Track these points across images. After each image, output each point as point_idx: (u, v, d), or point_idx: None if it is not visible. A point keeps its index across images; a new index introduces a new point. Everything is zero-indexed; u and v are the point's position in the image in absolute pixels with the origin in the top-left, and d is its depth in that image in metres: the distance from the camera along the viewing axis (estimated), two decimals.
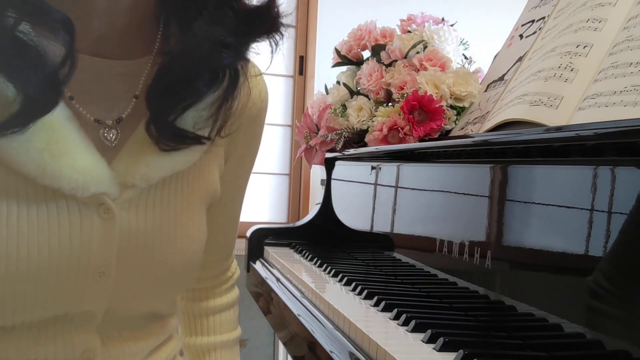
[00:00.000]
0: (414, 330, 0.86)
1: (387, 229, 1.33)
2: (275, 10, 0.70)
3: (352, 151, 1.53)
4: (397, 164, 1.30)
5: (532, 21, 1.25)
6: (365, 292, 1.05)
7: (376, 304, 0.98)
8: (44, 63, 0.57)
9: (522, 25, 1.29)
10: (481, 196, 0.94)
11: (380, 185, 1.40)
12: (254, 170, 0.91)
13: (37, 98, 0.58)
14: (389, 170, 1.36)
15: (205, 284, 0.93)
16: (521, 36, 1.27)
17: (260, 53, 0.71)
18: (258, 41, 0.70)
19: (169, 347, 0.81)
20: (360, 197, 1.52)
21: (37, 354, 0.66)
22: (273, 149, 2.67)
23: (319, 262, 1.37)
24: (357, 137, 1.54)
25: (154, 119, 0.66)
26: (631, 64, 0.86)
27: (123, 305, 0.70)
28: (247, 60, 0.72)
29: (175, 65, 0.66)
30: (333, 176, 1.71)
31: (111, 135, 0.68)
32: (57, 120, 0.62)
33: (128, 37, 0.68)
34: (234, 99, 0.71)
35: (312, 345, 0.98)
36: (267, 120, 2.39)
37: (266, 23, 0.70)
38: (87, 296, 0.66)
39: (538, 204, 0.80)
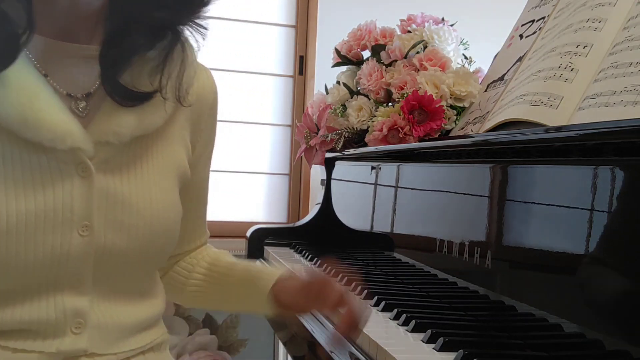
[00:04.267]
0: (414, 330, 0.86)
1: (387, 229, 1.32)
2: None
3: (352, 151, 1.53)
4: (397, 164, 1.30)
5: (532, 21, 1.25)
6: (365, 292, 1.05)
7: (376, 304, 0.98)
8: (6, 20, 0.66)
9: (522, 25, 1.29)
10: (481, 196, 0.94)
11: (380, 185, 1.40)
12: (253, 169, 0.95)
13: None
14: (389, 170, 1.36)
15: (184, 260, 0.96)
16: (521, 36, 1.27)
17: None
18: (195, 12, 0.79)
19: (156, 332, 0.84)
20: (360, 197, 1.52)
21: (30, 317, 0.70)
22: (273, 149, 2.67)
23: (319, 262, 1.37)
24: (357, 137, 1.54)
25: (105, 74, 0.74)
26: (631, 64, 0.86)
27: (107, 269, 0.74)
28: (187, 29, 0.80)
29: (118, 26, 0.75)
30: (333, 176, 1.71)
31: (81, 107, 0.75)
32: (36, 84, 0.70)
33: (90, 25, 0.76)
34: (179, 63, 0.79)
35: (312, 345, 0.98)
36: (267, 120, 2.42)
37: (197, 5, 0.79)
38: (74, 252, 0.71)
39: (538, 204, 0.80)
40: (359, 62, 1.66)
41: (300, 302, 0.85)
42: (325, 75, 2.06)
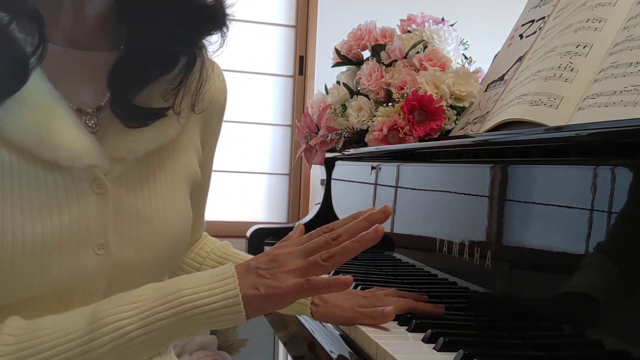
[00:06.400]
0: (414, 330, 0.86)
1: (387, 229, 1.33)
2: (222, 9, 0.78)
3: (352, 151, 1.53)
4: (397, 164, 1.30)
5: (532, 21, 1.25)
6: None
7: None
8: (14, 45, 0.63)
9: (522, 25, 1.29)
10: (481, 196, 0.94)
11: (380, 185, 1.40)
12: (253, 169, 0.96)
13: (7, 76, 0.64)
14: (389, 170, 1.36)
15: (192, 252, 1.00)
16: (521, 36, 1.27)
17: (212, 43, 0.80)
18: (209, 34, 0.78)
19: None
20: (360, 197, 1.52)
21: None
22: (273, 149, 2.67)
23: None
24: (357, 137, 1.53)
25: (115, 100, 0.72)
26: (631, 64, 0.86)
27: (121, 281, 0.73)
28: (203, 48, 0.79)
29: (132, 53, 0.73)
30: (333, 176, 1.71)
31: (92, 122, 0.73)
32: (51, 100, 0.68)
33: (96, 32, 0.74)
34: (197, 78, 0.78)
35: (312, 345, 0.98)
36: (267, 120, 2.43)
37: (214, 20, 0.78)
38: (89, 271, 0.70)
39: (538, 204, 0.80)
40: (359, 62, 1.66)
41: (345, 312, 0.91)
42: (325, 75, 2.06)
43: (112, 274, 0.72)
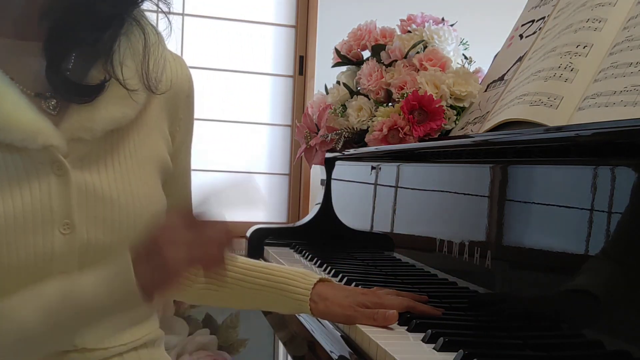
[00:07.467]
0: (414, 330, 0.86)
1: (387, 229, 1.32)
2: None
3: (352, 151, 1.53)
4: (397, 164, 1.30)
5: (532, 21, 1.25)
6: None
7: None
8: None
9: (522, 25, 1.29)
10: (481, 196, 0.94)
11: (380, 185, 1.40)
12: (253, 169, 0.95)
13: None
14: (389, 170, 1.36)
15: None
16: (521, 36, 1.27)
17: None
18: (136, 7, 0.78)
19: (148, 327, 0.84)
20: (360, 197, 1.52)
21: None
22: (273, 149, 2.67)
23: (319, 262, 1.37)
24: (357, 137, 1.53)
25: (49, 71, 0.72)
26: (631, 64, 0.86)
27: (94, 263, 0.73)
28: (141, 17, 0.79)
29: (60, 21, 0.72)
30: (333, 176, 1.71)
31: (52, 105, 0.74)
32: (1, 85, 0.69)
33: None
34: (144, 48, 0.78)
35: (312, 345, 0.98)
36: (267, 120, 2.43)
37: None
38: (57, 251, 0.71)
39: (538, 204, 0.80)
40: (359, 62, 1.66)
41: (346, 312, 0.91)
42: (325, 75, 2.06)
43: (82, 255, 0.73)
